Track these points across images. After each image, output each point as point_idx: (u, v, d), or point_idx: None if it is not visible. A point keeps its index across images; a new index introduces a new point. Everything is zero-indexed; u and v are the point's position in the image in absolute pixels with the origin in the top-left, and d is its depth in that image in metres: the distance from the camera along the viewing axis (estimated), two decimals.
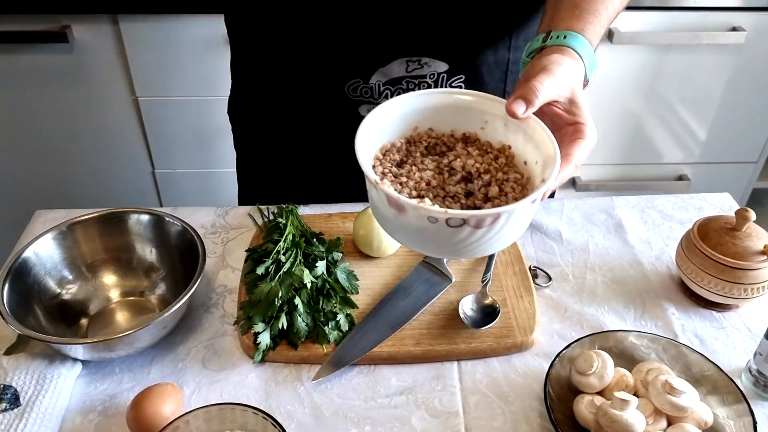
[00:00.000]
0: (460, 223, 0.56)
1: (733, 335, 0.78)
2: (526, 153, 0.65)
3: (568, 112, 0.63)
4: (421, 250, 0.63)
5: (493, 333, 0.75)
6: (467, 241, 0.59)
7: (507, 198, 0.62)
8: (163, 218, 0.80)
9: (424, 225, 0.57)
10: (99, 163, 1.57)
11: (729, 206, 0.98)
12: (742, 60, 1.54)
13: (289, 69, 0.87)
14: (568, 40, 0.66)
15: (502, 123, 0.66)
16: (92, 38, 1.36)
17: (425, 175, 0.64)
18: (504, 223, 0.58)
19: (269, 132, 0.97)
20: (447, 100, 0.67)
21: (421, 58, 0.81)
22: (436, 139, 0.68)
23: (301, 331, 0.73)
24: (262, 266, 0.76)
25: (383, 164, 0.65)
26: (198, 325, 0.78)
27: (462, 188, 0.64)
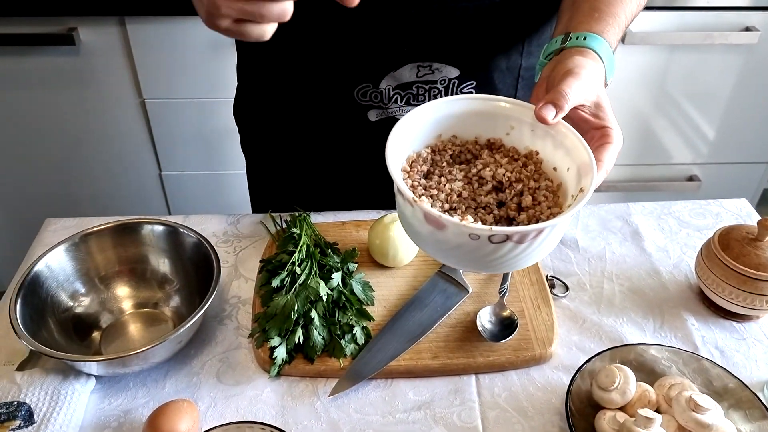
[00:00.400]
0: (504, 239, 0.55)
1: (754, 347, 0.77)
2: (555, 159, 0.63)
3: (594, 116, 0.62)
4: (456, 265, 0.62)
5: (511, 345, 0.74)
6: (507, 256, 0.57)
7: (540, 207, 0.61)
8: (177, 229, 0.79)
9: (464, 242, 0.56)
10: (106, 165, 1.56)
11: (747, 212, 0.96)
12: (755, 60, 1.52)
13: (296, 72, 0.86)
14: (588, 42, 0.65)
15: (530, 129, 0.64)
16: (99, 40, 1.35)
17: (456, 186, 0.63)
18: (546, 237, 0.57)
19: (277, 136, 0.96)
20: (470, 106, 0.66)
21: (432, 63, 0.80)
22: (460, 147, 0.67)
23: (318, 345, 0.72)
24: (277, 278, 0.75)
25: (411, 176, 0.63)
26: (212, 338, 0.77)
27: (494, 198, 0.63)
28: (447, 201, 0.61)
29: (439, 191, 0.61)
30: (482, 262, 0.58)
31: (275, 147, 0.97)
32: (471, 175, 0.64)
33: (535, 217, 0.60)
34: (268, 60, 0.88)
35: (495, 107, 0.65)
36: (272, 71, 0.89)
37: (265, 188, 1.05)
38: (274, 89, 0.91)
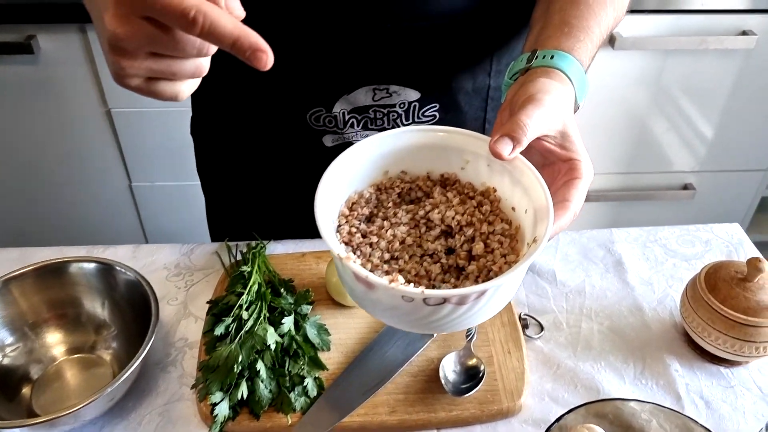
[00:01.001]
0: (440, 301, 0.49)
1: (742, 396, 0.71)
2: (513, 198, 0.57)
3: (561, 147, 0.56)
4: (397, 326, 0.56)
5: (476, 398, 0.68)
6: (448, 318, 0.52)
7: (494, 255, 0.55)
8: (111, 267, 0.72)
9: (398, 303, 0.50)
10: (72, 178, 1.50)
11: (738, 240, 0.90)
12: (752, 65, 1.45)
13: (248, 96, 0.80)
14: (555, 61, 0.58)
15: (485, 163, 0.58)
16: (59, 49, 1.28)
17: (399, 232, 0.56)
18: (491, 297, 0.51)
19: (233, 160, 0.89)
20: (420, 139, 0.59)
21: (389, 86, 0.73)
22: (410, 184, 0.61)
23: (264, 399, 0.66)
24: (221, 325, 0.68)
25: (350, 221, 0.57)
26: (153, 388, 0.71)
27: (442, 245, 0.57)
28: (388, 249, 0.55)
29: (380, 238, 0.55)
30: (422, 324, 0.52)
31: (232, 171, 0.91)
32: (418, 218, 0.58)
33: (486, 267, 0.54)
34: (219, 84, 0.82)
35: (448, 139, 0.59)
36: (224, 95, 0.83)
37: (222, 214, 0.98)
38: (227, 113, 0.84)
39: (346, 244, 0.56)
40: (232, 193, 0.94)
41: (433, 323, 0.52)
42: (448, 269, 0.56)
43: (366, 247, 0.56)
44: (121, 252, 0.87)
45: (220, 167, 0.92)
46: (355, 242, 0.56)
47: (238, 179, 0.91)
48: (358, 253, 0.56)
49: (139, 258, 0.86)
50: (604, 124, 1.52)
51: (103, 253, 0.86)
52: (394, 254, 0.56)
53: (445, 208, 0.57)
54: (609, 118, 1.51)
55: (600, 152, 1.57)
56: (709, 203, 1.68)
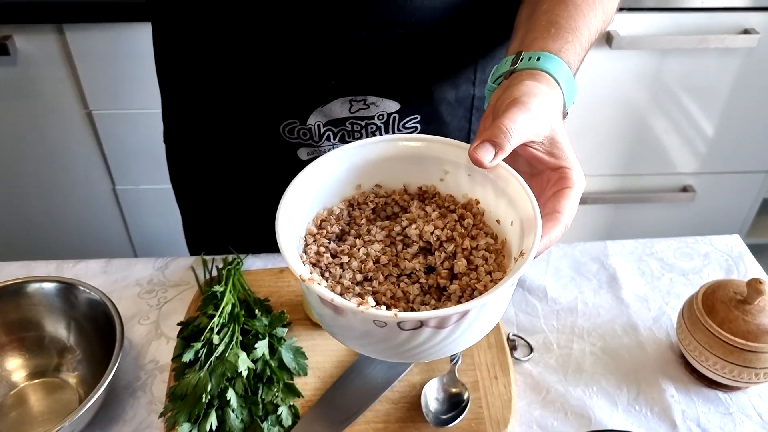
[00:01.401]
0: (417, 325, 0.45)
1: (741, 424, 0.67)
2: (498, 210, 0.53)
3: (549, 154, 0.52)
4: (372, 355, 0.52)
5: (461, 428, 0.64)
6: (428, 344, 0.48)
7: (478, 273, 0.51)
8: (73, 287, 0.68)
9: (370, 329, 0.46)
10: (53, 182, 1.45)
11: (738, 252, 0.86)
12: (754, 64, 1.40)
13: (220, 106, 0.76)
14: (542, 63, 0.54)
15: (466, 173, 0.54)
16: (36, 50, 1.24)
17: (373, 250, 0.52)
18: (475, 318, 0.47)
19: (206, 173, 0.86)
20: (395, 150, 0.55)
21: (367, 97, 0.69)
22: (385, 198, 0.57)
23: (235, 430, 0.62)
24: (190, 351, 0.65)
25: (319, 240, 0.53)
26: (120, 415, 0.67)
27: (420, 263, 0.52)
28: (360, 270, 0.51)
29: (352, 257, 0.51)
30: (399, 353, 0.48)
31: (205, 183, 0.87)
32: (394, 234, 0.53)
33: (470, 286, 0.50)
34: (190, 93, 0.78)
35: (425, 149, 0.55)
36: (195, 104, 0.79)
37: (199, 226, 0.94)
38: (198, 123, 0.80)
39: (314, 265, 0.52)
40: (207, 206, 0.90)
41: (411, 351, 0.48)
42: (428, 290, 0.52)
43: (336, 268, 0.52)
44: (92, 266, 0.83)
45: (194, 179, 0.88)
46: (324, 263, 0.52)
47: (213, 191, 0.87)
48: (327, 274, 0.52)
49: (111, 273, 0.82)
50: (601, 125, 1.47)
51: (73, 268, 0.82)
52: (367, 275, 0.51)
53: (423, 222, 0.53)
54: (606, 119, 1.47)
55: (597, 154, 1.53)
56: (709, 206, 1.64)
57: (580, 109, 1.44)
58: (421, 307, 0.51)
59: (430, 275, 0.52)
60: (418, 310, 0.51)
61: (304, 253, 0.52)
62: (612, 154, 1.54)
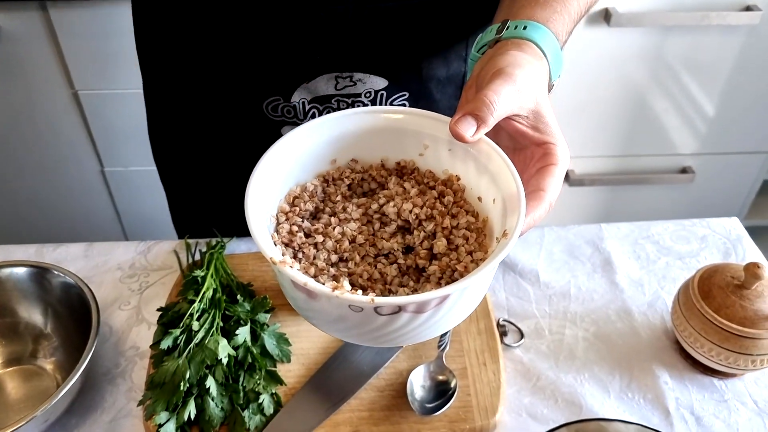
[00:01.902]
0: (395, 310, 0.43)
1: (736, 411, 0.65)
2: (480, 187, 0.51)
3: (533, 129, 0.49)
4: (349, 340, 0.50)
5: (447, 416, 0.62)
6: (406, 329, 0.46)
7: (458, 253, 0.49)
8: (47, 271, 0.66)
9: (345, 313, 0.44)
10: (39, 164, 1.43)
11: (737, 235, 0.84)
12: (756, 42, 1.37)
13: (202, 84, 0.73)
14: (528, 32, 0.52)
15: (447, 148, 0.52)
16: (20, 28, 1.20)
17: (349, 229, 0.50)
18: (455, 302, 0.45)
19: (189, 152, 0.83)
20: (373, 122, 0.52)
21: (353, 73, 0.66)
22: (361, 174, 0.54)
23: (215, 419, 0.60)
24: (169, 337, 0.63)
25: (291, 219, 0.51)
26: (99, 402, 0.66)
27: (399, 243, 0.50)
28: (336, 250, 0.49)
29: (327, 237, 0.49)
30: (376, 337, 0.46)
31: (189, 163, 0.85)
32: (371, 212, 0.51)
33: (450, 267, 0.48)
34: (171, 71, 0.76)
35: (404, 122, 0.52)
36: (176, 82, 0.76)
37: (184, 209, 0.92)
38: (182, 104, 0.78)
39: (287, 245, 0.49)
40: (191, 187, 0.88)
41: (389, 335, 0.46)
42: (406, 271, 0.50)
43: (309, 249, 0.49)
44: (73, 250, 0.81)
45: (178, 160, 0.86)
46: (297, 243, 0.49)
47: (197, 172, 0.85)
48: (300, 255, 0.49)
49: (92, 257, 0.80)
50: (599, 105, 1.44)
51: (53, 252, 0.80)
52: (342, 255, 0.49)
53: (402, 200, 0.51)
54: (604, 99, 1.44)
55: (594, 135, 1.50)
56: (708, 187, 1.62)
57: (577, 88, 1.41)
58: (399, 290, 0.49)
59: (408, 255, 0.50)
60: (396, 292, 0.48)
61: (276, 233, 0.50)
62: (610, 134, 1.51)
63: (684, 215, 0.87)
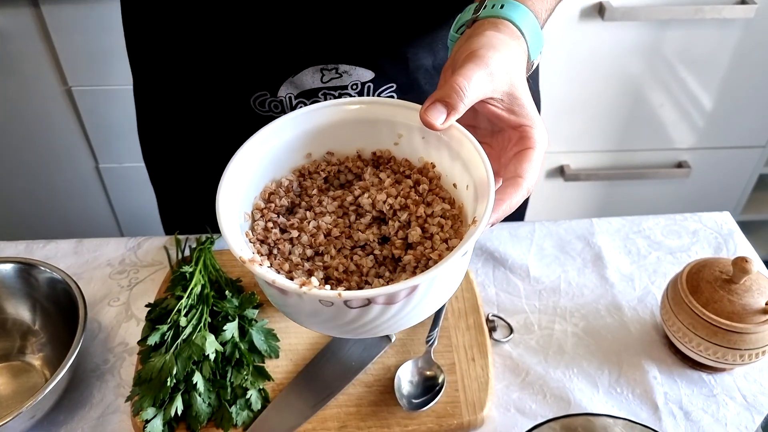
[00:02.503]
0: (364, 303, 0.43)
1: (725, 406, 0.65)
2: (454, 173, 0.51)
3: (509, 111, 0.48)
4: (326, 333, 0.50)
5: (435, 411, 0.62)
6: (379, 320, 0.46)
7: (433, 241, 0.49)
8: (34, 267, 0.66)
9: (317, 308, 0.45)
10: (33, 161, 1.43)
11: (728, 230, 0.83)
12: (751, 36, 1.37)
13: (190, 80, 0.73)
14: (505, 11, 0.51)
15: (420, 135, 0.52)
16: (12, 25, 1.20)
17: (324, 223, 0.50)
18: (426, 292, 0.45)
19: (178, 149, 0.83)
20: (346, 114, 0.52)
21: (339, 65, 0.66)
22: (338, 166, 0.54)
23: (202, 415, 0.61)
24: (156, 334, 0.63)
25: (267, 216, 0.51)
26: (87, 398, 0.66)
27: (374, 234, 0.50)
28: (311, 245, 0.49)
29: (302, 232, 0.49)
30: (351, 329, 0.46)
31: (178, 160, 0.85)
32: (347, 205, 0.51)
33: (424, 255, 0.48)
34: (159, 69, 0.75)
35: (376, 112, 0.52)
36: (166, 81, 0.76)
37: (173, 205, 0.92)
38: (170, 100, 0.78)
39: (262, 242, 0.49)
40: (180, 184, 0.87)
41: (363, 327, 0.46)
42: (383, 261, 0.50)
43: (284, 245, 0.49)
44: (63, 246, 0.81)
45: (167, 156, 0.86)
46: (272, 239, 0.49)
47: (186, 169, 0.85)
48: (276, 251, 0.49)
49: (81, 253, 0.80)
50: (594, 99, 1.44)
51: (43, 248, 0.80)
52: (318, 249, 0.49)
53: (376, 191, 0.51)
54: (599, 94, 1.43)
55: (589, 129, 1.50)
56: (704, 182, 1.61)
57: (571, 83, 1.40)
58: (375, 281, 0.49)
59: (384, 246, 0.50)
60: (372, 283, 0.49)
61: (251, 231, 0.50)
62: (605, 129, 1.50)
63: (680, 210, 0.86)
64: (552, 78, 1.36)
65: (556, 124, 1.45)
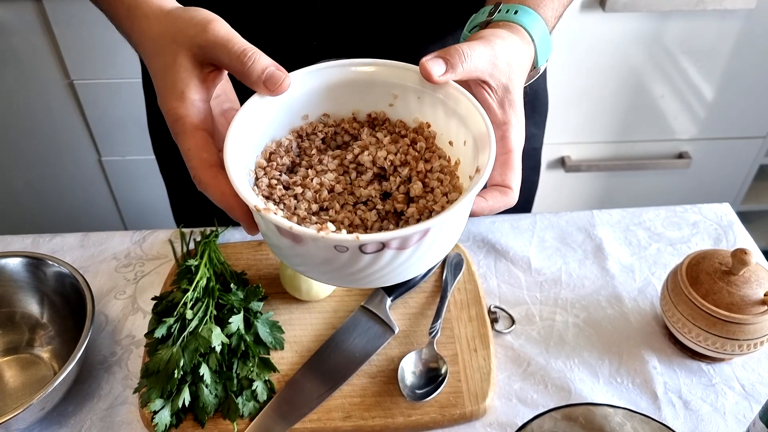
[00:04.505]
0: (379, 247, 0.44)
1: (723, 395, 0.66)
2: (449, 131, 0.52)
3: (500, 104, 0.50)
4: (334, 283, 0.51)
5: (438, 401, 0.63)
6: (390, 267, 0.46)
7: (434, 194, 0.50)
8: (42, 261, 0.67)
9: (331, 255, 0.45)
10: (37, 154, 1.43)
11: (728, 221, 0.84)
12: (752, 27, 1.37)
13: None
14: (519, 17, 0.53)
15: (415, 96, 0.52)
16: (15, 19, 1.20)
17: (326, 180, 0.51)
18: (435, 237, 0.46)
19: None
20: (340, 76, 0.53)
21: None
22: (334, 128, 0.55)
23: (209, 405, 0.62)
24: (163, 326, 0.64)
25: (269, 173, 0.51)
26: (96, 390, 0.67)
27: (376, 189, 0.51)
28: (316, 200, 0.50)
29: (306, 188, 0.50)
30: (361, 278, 0.47)
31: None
32: (347, 163, 0.52)
33: (427, 208, 0.49)
34: None
35: (371, 74, 0.53)
36: None
37: (182, 196, 0.93)
38: None
39: (267, 198, 0.50)
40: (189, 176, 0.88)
41: (374, 275, 0.46)
42: (385, 215, 0.51)
43: (290, 200, 0.50)
44: (69, 240, 0.81)
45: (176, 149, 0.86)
46: (277, 195, 0.50)
47: None
48: (282, 206, 0.50)
49: (88, 247, 0.80)
50: (595, 90, 1.44)
51: (49, 242, 0.81)
52: (323, 204, 0.50)
53: (376, 149, 0.52)
54: (600, 85, 1.44)
55: (590, 120, 1.50)
56: (705, 173, 1.62)
57: (573, 74, 1.40)
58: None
59: (386, 201, 0.51)
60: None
61: (256, 187, 0.50)
62: (606, 120, 1.51)
63: (680, 201, 0.87)
64: (553, 69, 1.35)
65: (557, 116, 1.45)
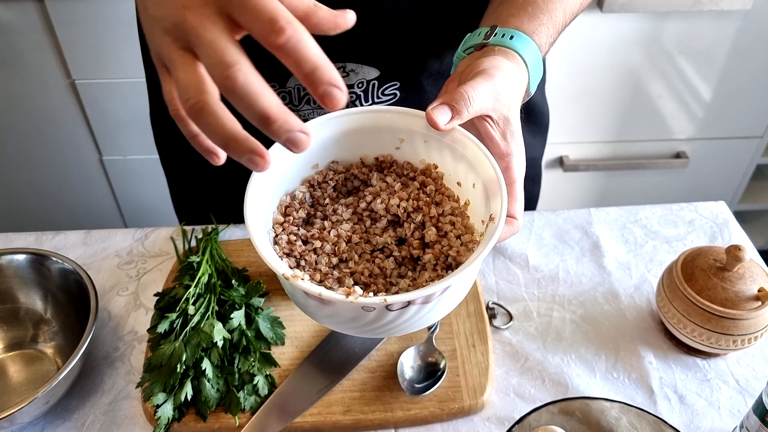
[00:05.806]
0: (405, 305, 0.45)
1: (718, 390, 0.67)
2: (458, 172, 0.53)
3: (502, 136, 0.51)
4: (359, 335, 0.53)
5: (437, 395, 0.64)
6: (414, 318, 0.49)
7: (448, 238, 0.51)
8: (46, 258, 0.68)
9: (358, 314, 0.47)
10: (38, 154, 1.44)
11: (724, 219, 0.85)
12: (749, 27, 1.38)
13: None
14: (514, 42, 0.54)
15: (422, 140, 0.54)
16: (16, 19, 1.21)
17: (343, 231, 0.52)
18: (455, 290, 0.48)
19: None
20: (347, 124, 0.54)
21: (346, 63, 0.68)
22: (344, 174, 0.56)
23: (211, 400, 0.62)
24: (165, 322, 0.64)
25: (288, 229, 0.53)
26: (99, 385, 0.67)
27: (391, 236, 0.52)
28: (335, 253, 0.51)
29: (324, 241, 0.51)
30: (387, 330, 0.49)
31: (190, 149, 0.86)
32: (360, 211, 0.53)
33: (443, 253, 0.51)
34: None
35: (378, 120, 0.54)
36: None
37: (185, 194, 0.94)
38: None
39: (288, 255, 0.51)
40: (192, 174, 0.89)
41: (399, 326, 0.49)
42: (402, 262, 0.52)
43: (310, 255, 0.51)
44: (72, 237, 0.82)
45: (179, 147, 0.87)
46: (298, 251, 0.51)
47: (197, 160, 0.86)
48: (303, 263, 0.51)
49: (90, 244, 0.81)
50: (593, 90, 1.45)
51: (52, 239, 0.82)
52: (342, 256, 0.51)
53: (388, 195, 0.53)
54: (598, 85, 1.45)
55: (588, 120, 1.51)
56: (702, 172, 1.63)
57: (571, 74, 1.41)
58: (399, 281, 0.51)
59: (402, 247, 0.52)
60: (396, 283, 0.51)
61: (276, 245, 0.51)
62: (604, 120, 1.52)
63: (678, 200, 0.88)
64: (551, 69, 1.37)
65: (555, 116, 1.46)
